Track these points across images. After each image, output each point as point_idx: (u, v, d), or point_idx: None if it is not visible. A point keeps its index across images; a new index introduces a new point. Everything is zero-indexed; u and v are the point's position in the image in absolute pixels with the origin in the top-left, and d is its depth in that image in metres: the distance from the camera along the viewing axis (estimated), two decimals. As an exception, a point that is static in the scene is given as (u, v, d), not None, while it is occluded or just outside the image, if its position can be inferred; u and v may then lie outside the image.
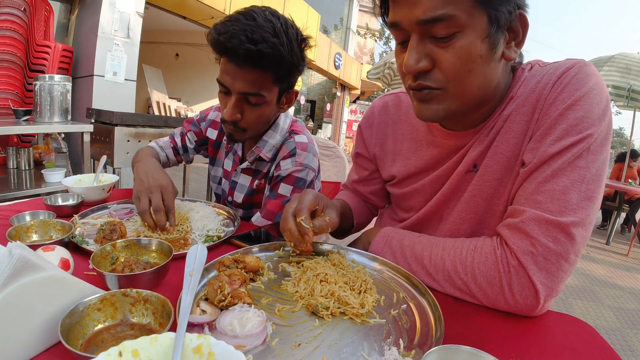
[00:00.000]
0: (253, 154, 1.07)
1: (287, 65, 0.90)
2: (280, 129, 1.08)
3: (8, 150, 2.30)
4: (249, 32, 0.83)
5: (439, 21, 0.54)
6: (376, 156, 0.92)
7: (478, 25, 0.55)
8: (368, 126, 0.93)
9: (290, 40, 0.88)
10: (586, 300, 3.14)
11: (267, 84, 0.91)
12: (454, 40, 0.56)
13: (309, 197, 0.69)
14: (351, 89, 14.46)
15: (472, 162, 0.70)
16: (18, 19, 2.52)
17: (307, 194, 0.70)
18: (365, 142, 0.94)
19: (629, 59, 4.74)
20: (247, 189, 1.12)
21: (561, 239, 0.56)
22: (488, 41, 0.57)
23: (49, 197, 0.89)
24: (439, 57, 0.58)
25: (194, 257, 0.57)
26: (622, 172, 5.90)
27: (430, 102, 0.62)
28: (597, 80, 0.60)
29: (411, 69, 0.59)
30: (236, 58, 0.85)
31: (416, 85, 0.61)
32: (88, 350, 0.41)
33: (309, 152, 1.05)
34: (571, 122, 0.58)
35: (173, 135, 1.24)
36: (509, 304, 0.58)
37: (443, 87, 0.60)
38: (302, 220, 0.65)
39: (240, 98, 0.92)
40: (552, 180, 0.58)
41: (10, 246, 0.42)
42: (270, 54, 0.84)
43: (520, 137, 0.65)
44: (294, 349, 0.45)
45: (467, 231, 0.74)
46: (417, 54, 0.58)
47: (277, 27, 0.86)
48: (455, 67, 0.57)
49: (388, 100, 0.91)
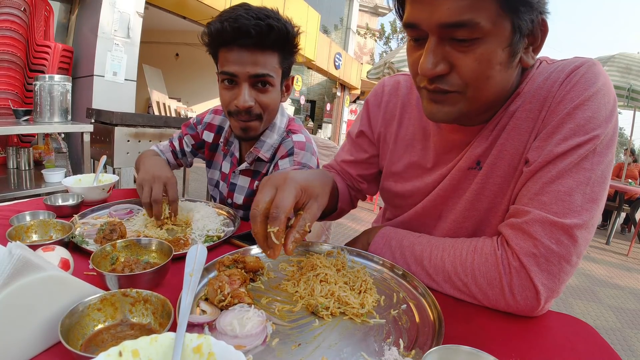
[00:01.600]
0: (251, 155, 1.06)
1: (290, 44, 0.95)
2: (278, 128, 1.08)
3: (8, 150, 2.30)
4: (253, 13, 0.88)
5: (462, 26, 0.52)
6: (380, 138, 0.88)
7: (501, 33, 0.54)
8: (376, 104, 0.89)
9: (285, 23, 0.93)
10: (586, 300, 3.14)
11: (274, 65, 0.94)
12: (475, 46, 0.54)
13: (288, 197, 0.54)
14: (351, 88, 14.46)
15: (475, 158, 0.70)
16: (18, 19, 2.52)
17: (287, 188, 0.55)
18: (371, 121, 0.89)
19: (629, 59, 4.74)
20: (247, 190, 1.12)
21: (564, 241, 0.56)
22: (509, 49, 0.56)
23: (49, 197, 0.89)
24: (458, 61, 0.56)
25: (194, 257, 0.57)
26: (622, 171, 5.91)
27: (443, 103, 0.61)
28: (605, 80, 0.59)
29: (428, 72, 0.57)
30: (247, 38, 0.87)
31: (433, 88, 0.60)
32: (88, 350, 0.41)
33: (307, 151, 1.05)
34: (579, 122, 0.58)
35: (172, 140, 1.25)
36: (509, 304, 0.58)
37: (460, 91, 0.59)
38: (273, 232, 0.52)
39: (251, 83, 0.93)
40: (557, 181, 0.58)
41: (10, 246, 0.42)
42: (279, 27, 0.89)
43: (525, 134, 0.64)
44: (294, 349, 0.45)
45: (468, 229, 0.73)
46: (435, 57, 0.56)
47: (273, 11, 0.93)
48: (475, 73, 0.56)
49: (401, 80, 0.87)
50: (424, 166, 0.79)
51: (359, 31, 15.75)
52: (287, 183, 0.56)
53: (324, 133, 13.49)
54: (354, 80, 13.64)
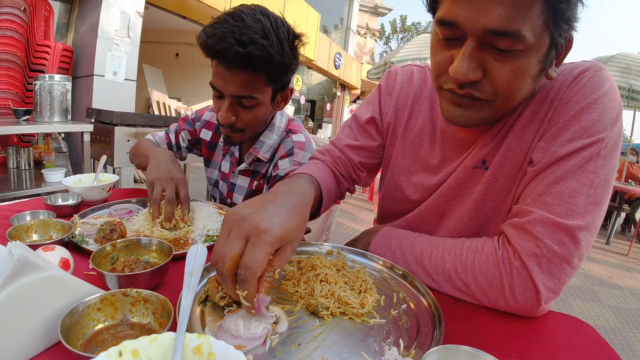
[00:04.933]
0: (251, 156, 1.06)
1: (279, 66, 0.88)
2: (277, 129, 1.07)
3: (8, 150, 2.30)
4: (238, 34, 0.80)
5: (508, 36, 0.50)
6: (389, 128, 0.85)
7: (541, 47, 0.53)
8: (388, 93, 0.86)
9: (281, 40, 0.85)
10: (586, 300, 3.14)
11: (259, 85, 0.90)
12: (515, 58, 0.53)
13: (261, 256, 0.44)
14: (351, 88, 14.46)
15: (481, 157, 0.69)
16: (18, 18, 2.52)
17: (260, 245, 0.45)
18: (382, 109, 0.86)
19: (629, 59, 4.75)
20: (246, 191, 1.12)
21: (566, 242, 0.56)
22: (542, 65, 0.55)
23: (49, 196, 0.89)
24: (494, 69, 0.54)
25: (194, 257, 0.57)
26: (626, 170, 5.92)
27: (468, 109, 0.60)
28: (611, 84, 0.60)
29: (462, 77, 0.54)
30: (226, 61, 0.84)
31: (463, 93, 0.58)
32: (88, 350, 0.41)
33: (307, 151, 1.05)
34: (584, 124, 0.58)
35: (168, 132, 1.24)
36: (509, 304, 0.58)
37: (490, 100, 0.58)
38: (242, 296, 0.45)
39: (234, 101, 0.91)
40: (561, 182, 0.58)
41: (10, 246, 0.42)
42: (260, 56, 0.82)
43: (531, 135, 0.65)
44: (294, 349, 0.45)
45: (473, 229, 0.73)
46: (471, 62, 0.54)
47: (267, 27, 0.83)
48: (509, 84, 0.55)
49: (414, 70, 0.85)
50: (430, 162, 0.79)
51: (359, 31, 15.76)
52: (260, 238, 0.45)
53: (324, 133, 13.48)
54: (354, 80, 13.64)
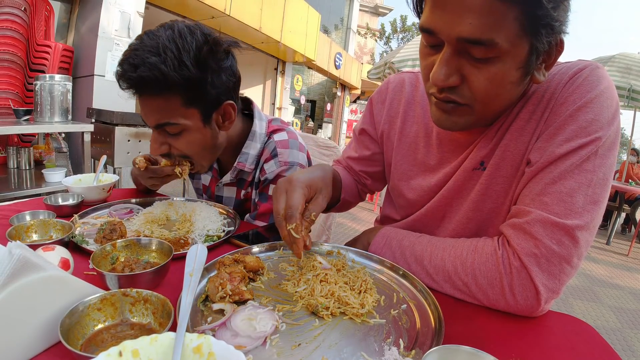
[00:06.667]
0: (236, 170, 1.01)
1: (188, 83, 0.77)
2: (259, 136, 1.01)
3: (8, 149, 2.30)
4: (132, 57, 0.75)
5: (480, 44, 0.52)
6: (383, 135, 0.88)
7: (518, 54, 0.53)
8: (380, 101, 0.89)
9: (180, 52, 0.75)
10: (586, 300, 3.14)
11: (176, 109, 0.81)
12: (490, 65, 0.54)
13: (297, 197, 0.61)
14: (351, 88, 14.46)
15: (479, 159, 0.70)
16: (18, 18, 2.52)
17: (294, 189, 0.62)
18: (375, 118, 0.90)
19: (630, 59, 4.74)
20: (234, 201, 1.09)
21: (565, 242, 0.56)
22: (522, 70, 0.56)
23: (49, 196, 0.89)
24: (471, 75, 0.56)
25: (194, 257, 0.57)
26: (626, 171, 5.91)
27: (452, 113, 0.62)
28: (608, 83, 0.60)
29: (440, 83, 0.57)
30: (130, 90, 0.78)
31: (442, 98, 0.60)
32: (88, 350, 0.41)
33: (291, 148, 0.99)
34: (581, 123, 0.58)
35: None
36: (509, 304, 0.58)
37: (469, 104, 0.59)
38: (291, 229, 0.60)
39: (160, 131, 0.84)
40: (559, 182, 0.58)
41: (10, 246, 0.42)
42: (150, 76, 0.74)
43: (528, 135, 0.65)
44: (294, 349, 0.45)
45: (472, 230, 0.73)
46: (448, 68, 0.56)
47: (163, 42, 0.75)
48: (486, 90, 0.56)
49: (405, 77, 0.87)
50: (428, 164, 0.79)
51: (359, 31, 15.75)
52: (292, 185, 0.63)
53: (324, 133, 13.49)
54: (354, 80, 13.64)
